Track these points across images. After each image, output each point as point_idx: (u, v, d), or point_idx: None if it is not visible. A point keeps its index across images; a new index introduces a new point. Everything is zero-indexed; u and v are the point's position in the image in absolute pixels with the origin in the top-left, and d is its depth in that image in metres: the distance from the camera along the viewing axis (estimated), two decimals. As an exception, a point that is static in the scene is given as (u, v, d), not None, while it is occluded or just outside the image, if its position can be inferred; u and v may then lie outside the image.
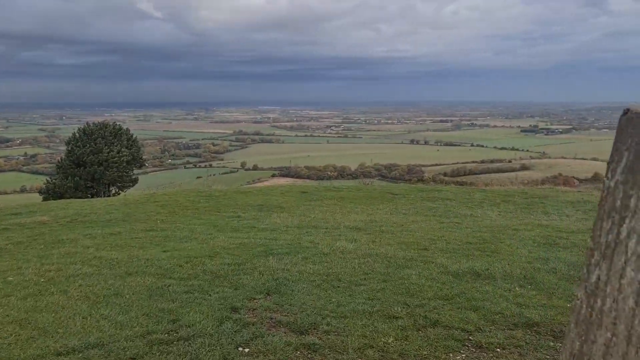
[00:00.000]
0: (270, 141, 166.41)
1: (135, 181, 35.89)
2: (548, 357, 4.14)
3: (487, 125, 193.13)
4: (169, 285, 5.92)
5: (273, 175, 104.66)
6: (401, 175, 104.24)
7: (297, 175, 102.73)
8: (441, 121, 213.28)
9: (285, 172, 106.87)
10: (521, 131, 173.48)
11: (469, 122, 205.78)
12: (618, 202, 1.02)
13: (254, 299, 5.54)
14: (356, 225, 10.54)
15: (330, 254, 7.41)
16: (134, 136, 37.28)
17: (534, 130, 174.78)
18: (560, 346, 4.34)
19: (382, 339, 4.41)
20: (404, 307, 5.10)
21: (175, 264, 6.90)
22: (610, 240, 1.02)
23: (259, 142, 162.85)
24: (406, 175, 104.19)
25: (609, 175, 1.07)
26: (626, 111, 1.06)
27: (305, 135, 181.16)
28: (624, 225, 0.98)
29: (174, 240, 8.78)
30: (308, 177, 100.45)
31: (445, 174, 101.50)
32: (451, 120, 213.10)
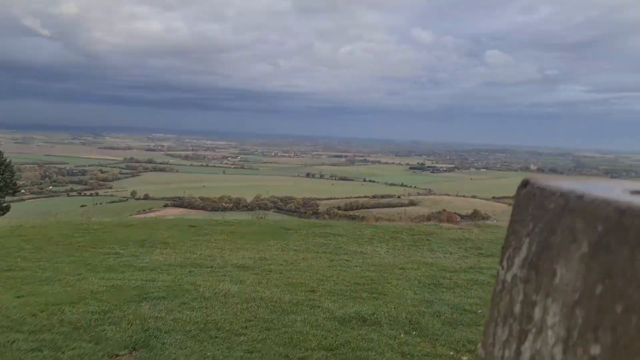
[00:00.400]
0: (163, 170, 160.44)
1: (6, 209, 32.55)
2: (432, 413, 3.94)
3: (379, 162, 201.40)
4: (14, 342, 5.06)
5: (165, 206, 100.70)
6: (297, 207, 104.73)
7: (190, 205, 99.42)
8: (336, 156, 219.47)
9: (179, 203, 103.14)
10: (410, 168, 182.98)
11: (362, 158, 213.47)
12: (517, 307, 0.74)
13: (117, 355, 4.87)
14: (244, 263, 10.06)
15: (211, 298, 6.87)
16: (8, 160, 34.03)
17: (421, 167, 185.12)
18: (444, 400, 4.19)
19: (259, 401, 3.99)
20: (285, 361, 4.72)
21: (28, 312, 5.99)
22: (507, 357, 0.75)
23: (151, 171, 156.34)
24: (302, 208, 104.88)
25: (504, 265, 0.81)
26: (525, 183, 0.80)
27: (201, 165, 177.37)
28: (526, 344, 0.70)
29: (34, 282, 7.74)
30: (203, 208, 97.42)
31: (339, 208, 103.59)
32: (345, 156, 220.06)
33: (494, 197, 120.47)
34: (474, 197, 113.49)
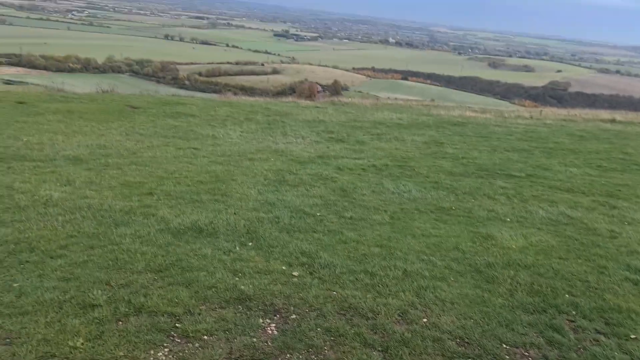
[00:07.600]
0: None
1: None
2: (255, 339, 3.96)
3: (243, 27, 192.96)
4: None
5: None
6: (155, 72, 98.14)
7: (31, 65, 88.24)
8: (197, 17, 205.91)
9: (16, 61, 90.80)
10: (274, 35, 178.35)
11: (225, 22, 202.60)
12: None
13: None
14: (78, 154, 9.12)
15: (28, 207, 6.11)
16: None
17: (285, 35, 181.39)
18: (269, 323, 4.23)
19: (70, 342, 3.67)
20: (105, 290, 4.36)
21: None
22: None
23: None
24: (160, 72, 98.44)
25: None
26: None
27: (40, 19, 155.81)
28: None
29: None
30: (45, 68, 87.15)
31: (200, 74, 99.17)
32: (207, 18, 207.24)
33: (354, 68, 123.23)
34: (335, 67, 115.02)
